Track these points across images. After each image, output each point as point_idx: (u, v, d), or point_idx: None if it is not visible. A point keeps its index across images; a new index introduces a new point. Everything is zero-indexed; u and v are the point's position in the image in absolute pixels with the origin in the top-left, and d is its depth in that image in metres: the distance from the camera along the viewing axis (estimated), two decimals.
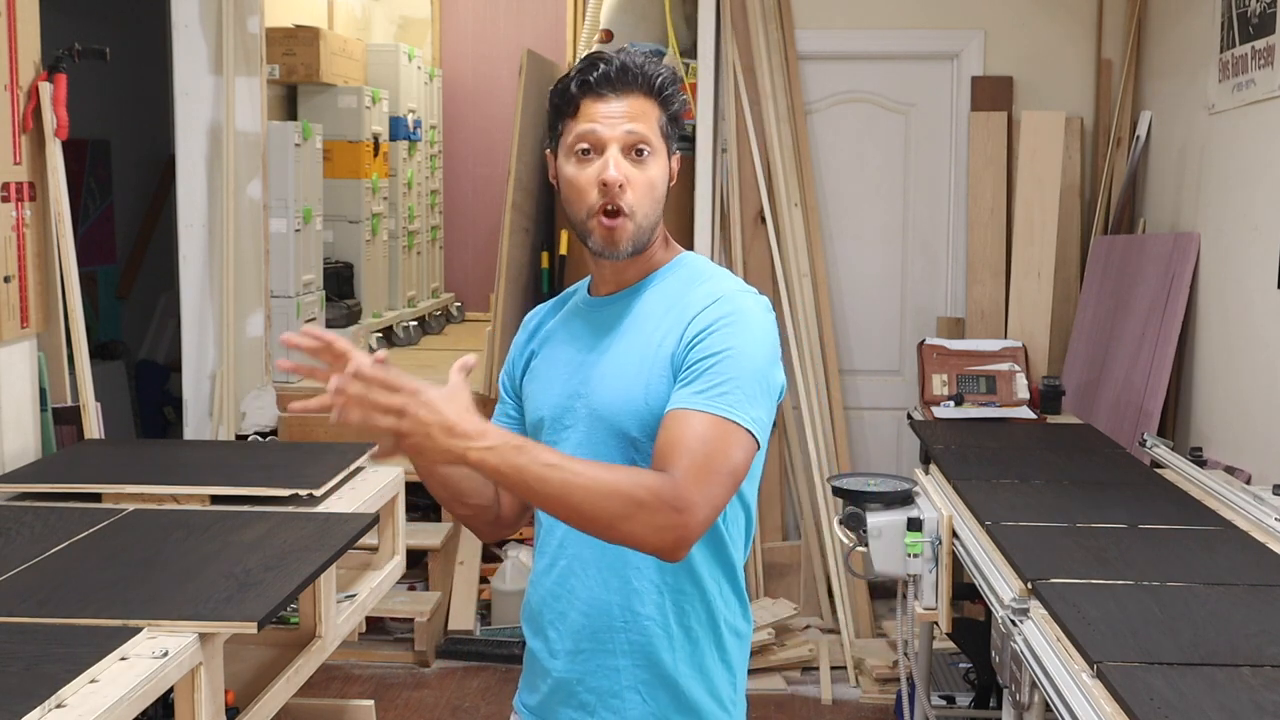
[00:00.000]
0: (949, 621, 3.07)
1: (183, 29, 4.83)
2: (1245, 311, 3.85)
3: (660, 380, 1.70)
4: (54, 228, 3.75)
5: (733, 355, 1.66)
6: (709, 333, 1.67)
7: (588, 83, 1.72)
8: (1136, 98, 4.95)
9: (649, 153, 1.73)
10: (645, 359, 1.73)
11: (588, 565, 1.78)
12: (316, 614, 2.86)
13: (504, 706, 4.26)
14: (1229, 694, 1.92)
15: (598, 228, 1.73)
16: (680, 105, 1.78)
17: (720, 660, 1.79)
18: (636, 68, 1.73)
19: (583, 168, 1.73)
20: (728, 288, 1.74)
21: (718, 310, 1.69)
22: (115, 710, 1.91)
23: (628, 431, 1.72)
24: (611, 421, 1.73)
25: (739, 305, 1.71)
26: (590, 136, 1.72)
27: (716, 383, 1.64)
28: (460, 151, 8.00)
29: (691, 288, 1.76)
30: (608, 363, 1.77)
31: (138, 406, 6.58)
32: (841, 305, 5.14)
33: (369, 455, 3.40)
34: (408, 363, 6.01)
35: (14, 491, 3.15)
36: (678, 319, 1.72)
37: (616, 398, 1.73)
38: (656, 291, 1.79)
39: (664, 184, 1.77)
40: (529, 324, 1.97)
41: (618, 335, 1.78)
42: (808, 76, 5.06)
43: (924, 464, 3.89)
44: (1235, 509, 3.01)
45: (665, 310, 1.75)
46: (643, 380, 1.72)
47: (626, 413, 1.72)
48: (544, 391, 1.84)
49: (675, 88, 1.77)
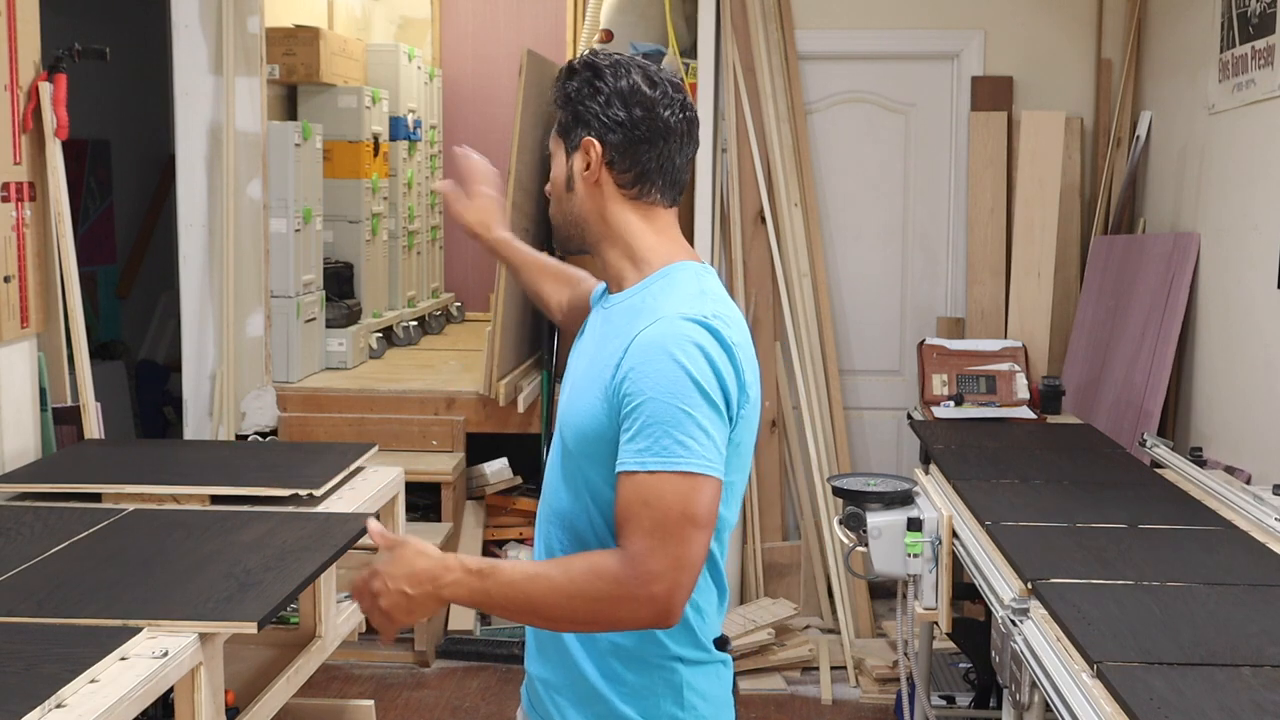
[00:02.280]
0: (949, 621, 3.07)
1: (183, 29, 4.83)
2: (1245, 311, 3.85)
3: (596, 401, 1.68)
4: (54, 228, 3.75)
5: (647, 401, 1.60)
6: (628, 380, 1.63)
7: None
8: (1136, 98, 4.95)
9: (551, 157, 1.82)
10: (591, 379, 1.72)
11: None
12: (316, 614, 2.86)
13: (504, 706, 4.26)
14: (1229, 694, 1.92)
15: None
16: (558, 98, 1.80)
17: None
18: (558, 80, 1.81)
19: None
20: (653, 326, 1.65)
21: (634, 356, 1.64)
22: (115, 710, 1.91)
23: (569, 445, 1.74)
24: (562, 433, 1.77)
25: (652, 343, 1.63)
26: None
27: (644, 434, 1.60)
28: None
29: (645, 308, 1.71)
30: (573, 374, 1.81)
31: (138, 406, 6.58)
32: (841, 305, 5.14)
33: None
34: (408, 362, 6.01)
35: (14, 491, 3.15)
36: (619, 346, 1.68)
37: (567, 412, 1.76)
38: (636, 301, 1.75)
39: (561, 179, 1.80)
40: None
41: (590, 346, 1.80)
42: (808, 76, 5.06)
43: (924, 464, 3.88)
44: (1235, 509, 3.01)
45: (628, 325, 1.70)
46: (585, 399, 1.71)
47: (569, 425, 1.74)
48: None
49: (559, 89, 1.80)
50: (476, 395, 5.02)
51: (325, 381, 5.37)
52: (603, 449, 1.67)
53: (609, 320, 1.77)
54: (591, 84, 1.76)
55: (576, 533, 1.75)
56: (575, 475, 1.74)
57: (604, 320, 1.79)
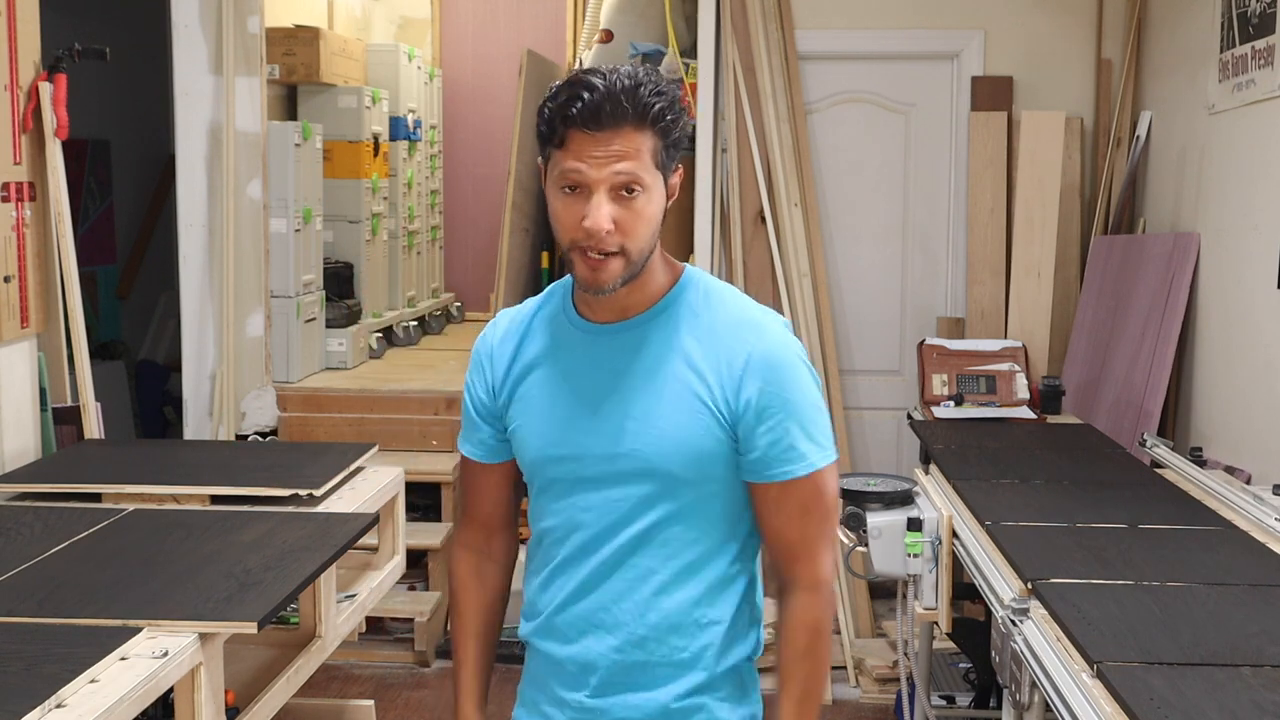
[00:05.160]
0: (949, 621, 3.07)
1: (183, 29, 4.83)
2: (1245, 311, 3.85)
3: (703, 419, 1.69)
4: (54, 228, 3.74)
5: (790, 406, 1.70)
6: (764, 394, 1.69)
7: (573, 116, 1.60)
8: (1136, 98, 4.95)
9: (640, 191, 1.63)
10: (688, 402, 1.69)
11: (620, 598, 1.78)
12: (316, 614, 2.86)
13: (504, 706, 4.24)
14: (1229, 694, 1.92)
15: (581, 264, 1.65)
16: (680, 129, 1.66)
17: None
18: (628, 98, 1.59)
19: (568, 204, 1.63)
20: (766, 337, 1.71)
21: (761, 370, 1.69)
22: (115, 710, 1.91)
23: (674, 473, 1.71)
24: (658, 469, 1.71)
25: (777, 355, 1.71)
26: (576, 177, 1.62)
27: (788, 442, 1.70)
28: (460, 151, 8.00)
29: (717, 320, 1.72)
30: (643, 407, 1.71)
31: (138, 406, 6.58)
32: (841, 305, 5.14)
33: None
34: (408, 362, 6.01)
35: (14, 491, 3.15)
36: (717, 363, 1.69)
37: (665, 445, 1.70)
38: (673, 319, 1.72)
39: (659, 212, 1.67)
40: (503, 338, 1.83)
41: (644, 374, 1.71)
42: (808, 76, 5.06)
43: (924, 464, 3.88)
44: (1235, 509, 3.01)
45: (693, 342, 1.71)
46: (690, 426, 1.69)
47: (677, 458, 1.70)
48: (550, 430, 1.76)
49: (673, 114, 1.64)
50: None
51: (325, 381, 5.37)
52: (718, 467, 1.72)
53: (649, 341, 1.72)
54: (679, 102, 1.66)
55: (690, 559, 1.78)
56: (675, 498, 1.73)
57: (633, 346, 1.73)
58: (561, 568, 1.79)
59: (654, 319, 1.73)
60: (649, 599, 1.75)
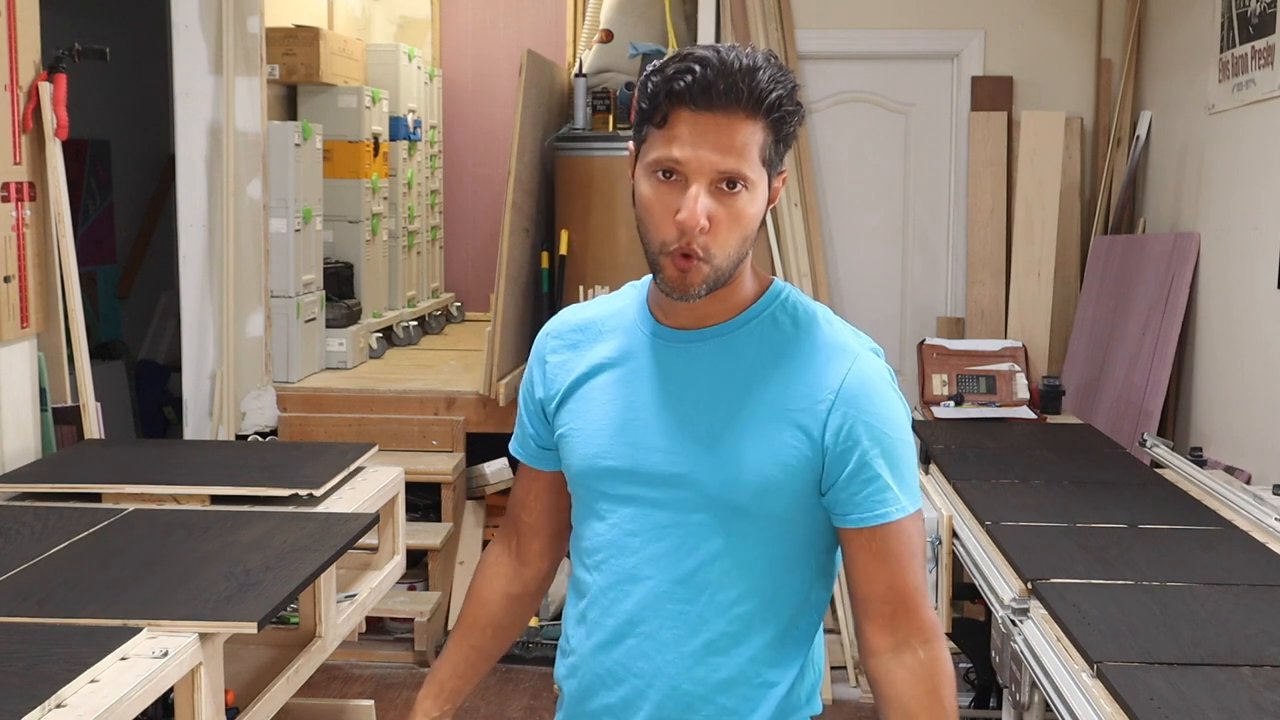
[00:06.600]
0: (949, 621, 3.07)
1: (183, 29, 4.83)
2: (1245, 311, 3.85)
3: (776, 447, 1.51)
4: (54, 228, 3.74)
5: (885, 446, 1.51)
6: (859, 425, 1.50)
7: (680, 92, 1.43)
8: (1136, 98, 4.95)
9: (743, 188, 1.46)
10: (761, 428, 1.51)
11: (664, 647, 1.57)
12: (316, 614, 2.85)
13: (504, 706, 4.26)
14: (1229, 694, 1.92)
15: (669, 266, 1.48)
16: (793, 126, 1.49)
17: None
18: (744, 80, 1.42)
19: (661, 194, 1.47)
20: (858, 364, 1.53)
21: (855, 398, 1.50)
22: (115, 710, 1.91)
23: (736, 503, 1.52)
24: (718, 497, 1.52)
25: (871, 384, 1.52)
26: (673, 164, 1.45)
27: (883, 485, 1.50)
28: (460, 151, 8.00)
29: (804, 340, 1.55)
30: (710, 426, 1.53)
31: (138, 406, 6.58)
32: (841, 305, 5.14)
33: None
34: (408, 362, 6.01)
35: (14, 491, 3.15)
36: (801, 388, 1.51)
37: (729, 472, 1.51)
38: (754, 334, 1.56)
39: (758, 215, 1.49)
40: (564, 335, 1.69)
41: (715, 389, 1.54)
42: (808, 76, 5.06)
43: (924, 464, 3.88)
44: (1235, 509, 3.01)
45: (775, 361, 1.53)
46: (761, 454, 1.51)
47: (741, 488, 1.52)
48: (600, 438, 1.59)
49: (790, 105, 1.47)
50: (476, 395, 5.02)
51: (325, 381, 5.37)
52: (787, 503, 1.53)
53: (729, 354, 1.55)
54: (797, 94, 1.48)
55: (762, 611, 1.57)
56: (733, 532, 1.54)
57: (711, 358, 1.56)
58: (598, 600, 1.61)
59: (734, 331, 1.56)
60: (698, 651, 1.55)
